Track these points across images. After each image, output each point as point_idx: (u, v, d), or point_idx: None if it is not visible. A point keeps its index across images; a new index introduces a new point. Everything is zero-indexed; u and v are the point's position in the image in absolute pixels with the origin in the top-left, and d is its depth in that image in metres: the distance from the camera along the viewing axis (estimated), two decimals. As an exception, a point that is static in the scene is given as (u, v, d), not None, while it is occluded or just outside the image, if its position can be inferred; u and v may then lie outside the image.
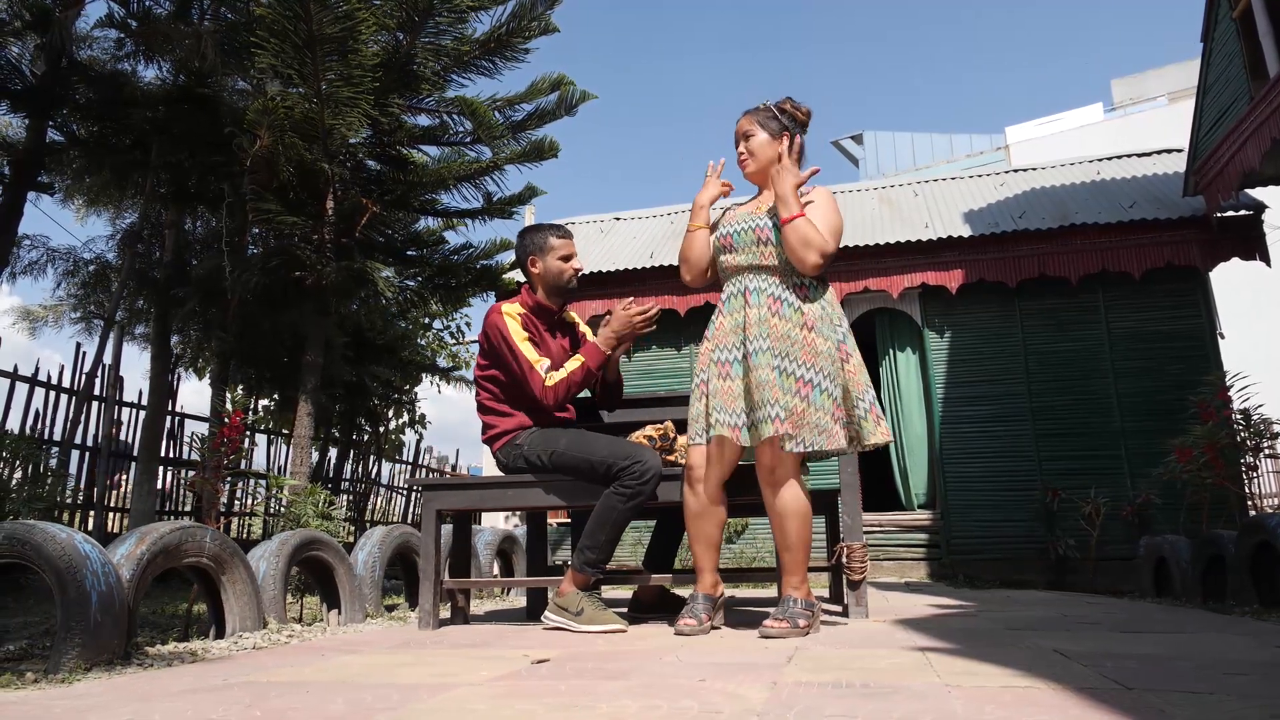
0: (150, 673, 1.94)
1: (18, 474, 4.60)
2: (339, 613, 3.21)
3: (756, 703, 1.34)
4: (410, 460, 11.02)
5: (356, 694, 1.55)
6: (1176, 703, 1.29)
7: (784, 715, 1.24)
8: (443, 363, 10.44)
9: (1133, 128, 18.60)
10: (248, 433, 7.37)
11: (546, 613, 2.65)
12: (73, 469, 5.73)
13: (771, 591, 4.58)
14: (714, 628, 2.51)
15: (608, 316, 2.87)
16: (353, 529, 8.41)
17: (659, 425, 2.88)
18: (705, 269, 2.65)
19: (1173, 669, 1.65)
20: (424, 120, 5.67)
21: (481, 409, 2.93)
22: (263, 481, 6.98)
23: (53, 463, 5.50)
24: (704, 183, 2.70)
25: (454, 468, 12.92)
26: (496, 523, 14.41)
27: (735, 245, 2.54)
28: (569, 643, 2.29)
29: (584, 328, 3.12)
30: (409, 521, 10.38)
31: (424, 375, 9.71)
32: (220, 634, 2.60)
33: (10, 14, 4.30)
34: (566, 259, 2.92)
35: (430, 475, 11.55)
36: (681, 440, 2.86)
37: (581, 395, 2.96)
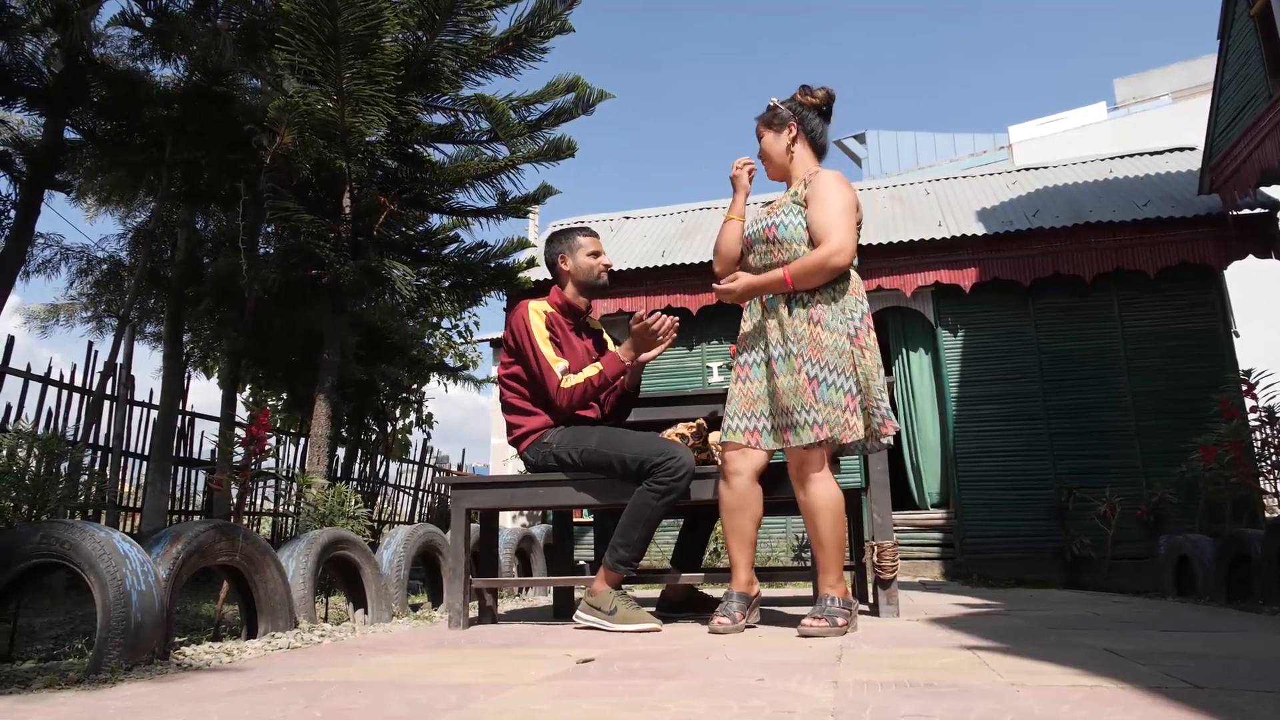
0: (192, 674, 1.92)
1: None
2: (365, 612, 3.20)
3: (826, 702, 1.33)
4: (416, 460, 11.00)
5: (411, 694, 1.54)
6: (1252, 702, 1.27)
7: (859, 715, 1.22)
8: (451, 362, 10.44)
9: (1136, 127, 18.58)
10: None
11: (579, 612, 2.63)
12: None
13: (787, 591, 4.58)
14: (749, 626, 2.49)
15: (631, 323, 2.87)
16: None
17: (690, 423, 2.86)
18: (735, 262, 2.64)
19: (1233, 668, 1.63)
20: (440, 119, 5.67)
21: (506, 408, 2.91)
22: (271, 481, 6.95)
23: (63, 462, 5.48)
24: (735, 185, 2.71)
25: (459, 467, 12.90)
26: (504, 521, 14.37)
27: (752, 245, 2.56)
28: (607, 642, 2.27)
29: (606, 334, 3.15)
30: (415, 521, 10.35)
31: (432, 374, 9.71)
32: (252, 634, 2.58)
33: (29, 10, 4.27)
34: (595, 255, 3.00)
35: (437, 474, 11.54)
36: (714, 437, 2.84)
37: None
